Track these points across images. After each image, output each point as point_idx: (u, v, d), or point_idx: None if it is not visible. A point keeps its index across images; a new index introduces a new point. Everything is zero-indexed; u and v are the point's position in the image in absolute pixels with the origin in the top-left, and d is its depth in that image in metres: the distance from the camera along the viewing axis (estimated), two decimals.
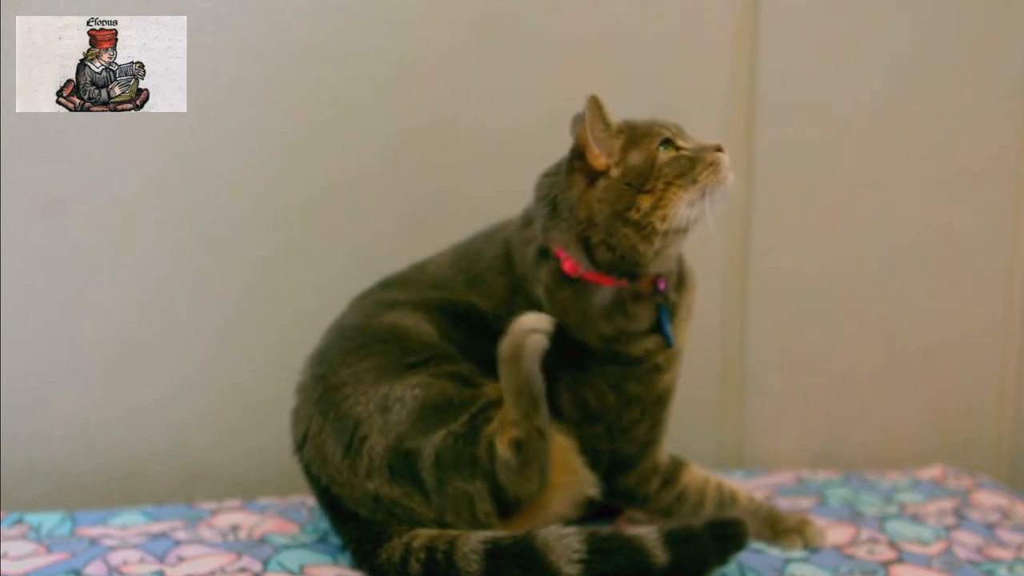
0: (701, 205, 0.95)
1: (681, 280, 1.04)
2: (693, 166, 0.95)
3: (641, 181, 0.95)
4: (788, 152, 1.37)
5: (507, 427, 0.93)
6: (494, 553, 0.89)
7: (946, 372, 1.45)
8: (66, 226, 1.22)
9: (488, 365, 0.97)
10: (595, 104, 0.95)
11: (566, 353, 0.98)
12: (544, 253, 1.00)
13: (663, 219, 0.94)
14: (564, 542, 0.88)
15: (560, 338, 0.97)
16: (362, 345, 0.99)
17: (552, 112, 1.05)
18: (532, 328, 0.93)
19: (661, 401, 1.04)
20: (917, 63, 1.39)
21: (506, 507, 0.95)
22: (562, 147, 1.00)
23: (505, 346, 0.94)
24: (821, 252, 1.41)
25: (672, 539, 0.89)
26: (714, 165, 0.95)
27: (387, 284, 1.08)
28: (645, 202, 0.94)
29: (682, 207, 0.94)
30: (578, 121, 1.01)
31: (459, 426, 0.94)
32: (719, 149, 0.97)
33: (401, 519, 0.95)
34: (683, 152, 0.96)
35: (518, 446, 0.93)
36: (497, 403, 0.95)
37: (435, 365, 0.97)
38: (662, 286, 1.01)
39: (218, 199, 1.25)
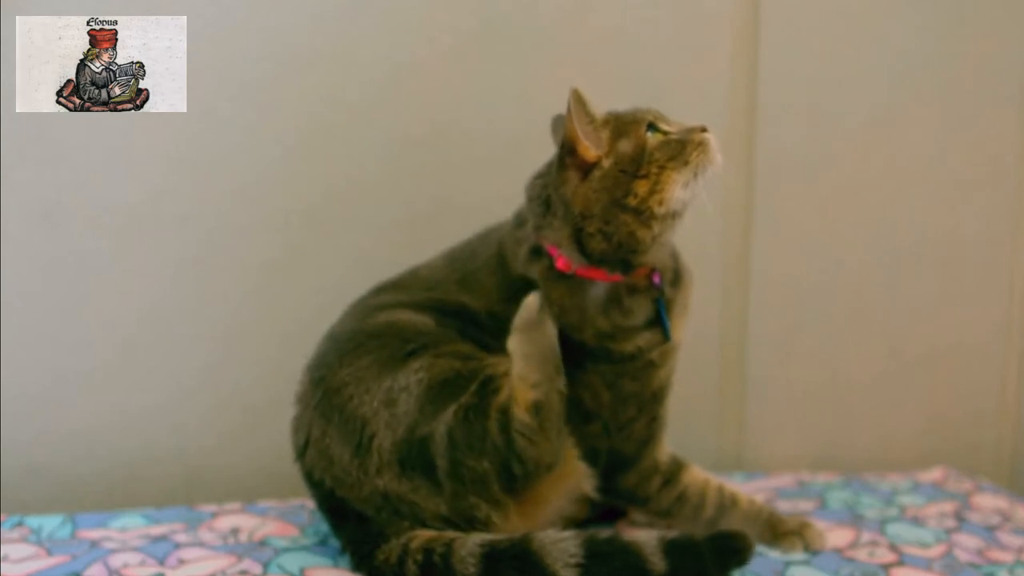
0: (695, 186, 0.96)
1: (677, 276, 1.04)
2: (683, 148, 0.96)
3: (635, 167, 0.95)
4: (789, 155, 1.37)
5: (525, 391, 0.94)
6: (491, 556, 0.89)
7: (947, 375, 1.45)
8: (67, 230, 1.22)
9: (485, 351, 0.98)
10: (578, 98, 0.95)
11: (562, 350, 0.98)
12: (537, 252, 1.00)
13: (660, 203, 0.94)
14: (561, 546, 0.88)
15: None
16: (358, 345, 0.99)
17: (553, 117, 1.06)
18: None
19: (657, 398, 1.04)
20: (918, 66, 1.38)
21: (518, 483, 0.94)
22: None
23: (524, 315, 0.96)
24: (822, 255, 1.40)
25: (672, 548, 0.89)
26: (703, 145, 0.96)
27: (380, 289, 1.08)
28: (642, 188, 0.95)
29: (677, 189, 0.95)
30: (558, 122, 1.02)
31: (468, 397, 0.94)
32: (704, 130, 0.98)
33: (404, 516, 0.94)
34: (671, 135, 0.97)
35: (537, 408, 0.93)
36: (503, 374, 0.96)
37: (435, 347, 0.97)
38: (657, 280, 1.01)
39: (219, 204, 1.25)
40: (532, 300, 0.97)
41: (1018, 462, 1.46)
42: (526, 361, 0.95)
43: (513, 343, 0.97)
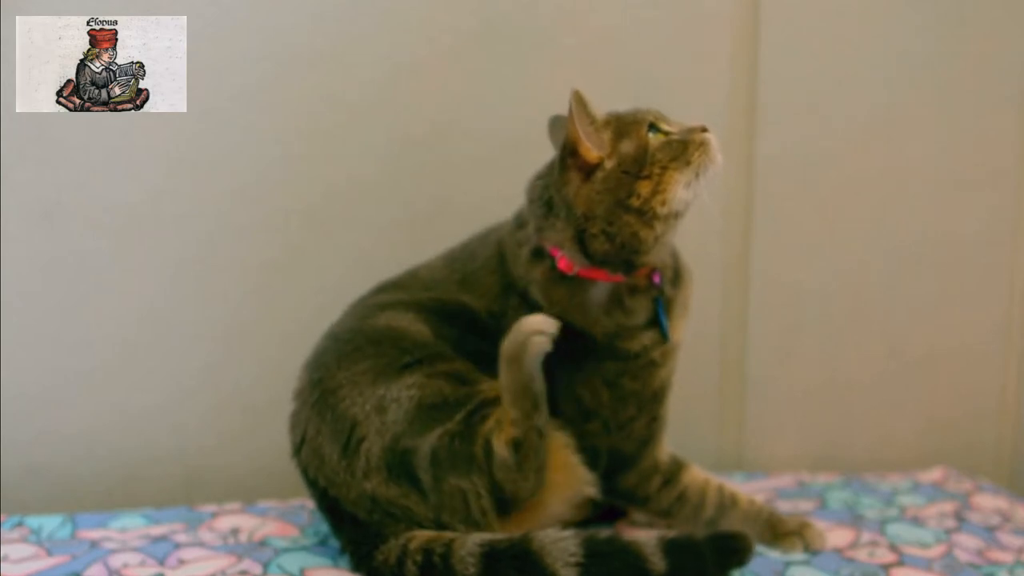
0: (696, 186, 0.96)
1: (677, 275, 1.05)
2: (685, 148, 0.96)
3: (637, 168, 0.95)
4: (789, 155, 1.37)
5: (506, 426, 0.94)
6: (491, 556, 0.89)
7: (947, 376, 1.45)
8: (67, 230, 1.22)
9: (481, 362, 0.98)
10: (579, 99, 0.95)
11: (561, 350, 0.98)
12: (538, 253, 1.00)
13: (663, 203, 0.95)
14: (561, 545, 0.88)
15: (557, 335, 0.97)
16: (357, 348, 1.00)
17: (550, 118, 1.05)
18: (536, 330, 0.93)
19: (657, 397, 1.04)
20: (918, 66, 1.38)
21: (503, 505, 0.95)
22: None
23: (507, 345, 0.94)
24: (822, 255, 1.40)
25: (672, 548, 0.89)
26: (704, 145, 0.96)
27: (380, 289, 1.09)
28: (644, 188, 0.95)
29: (680, 189, 0.95)
30: (555, 124, 1.02)
31: (455, 424, 0.94)
32: (704, 130, 0.98)
33: (399, 519, 0.94)
34: (672, 136, 0.97)
35: (516, 445, 0.93)
36: (493, 401, 0.96)
37: (429, 365, 0.97)
38: (657, 280, 1.01)
39: (219, 204, 1.25)
40: (520, 328, 0.94)
41: (1018, 462, 1.46)
42: (505, 393, 0.95)
43: (500, 370, 0.96)
